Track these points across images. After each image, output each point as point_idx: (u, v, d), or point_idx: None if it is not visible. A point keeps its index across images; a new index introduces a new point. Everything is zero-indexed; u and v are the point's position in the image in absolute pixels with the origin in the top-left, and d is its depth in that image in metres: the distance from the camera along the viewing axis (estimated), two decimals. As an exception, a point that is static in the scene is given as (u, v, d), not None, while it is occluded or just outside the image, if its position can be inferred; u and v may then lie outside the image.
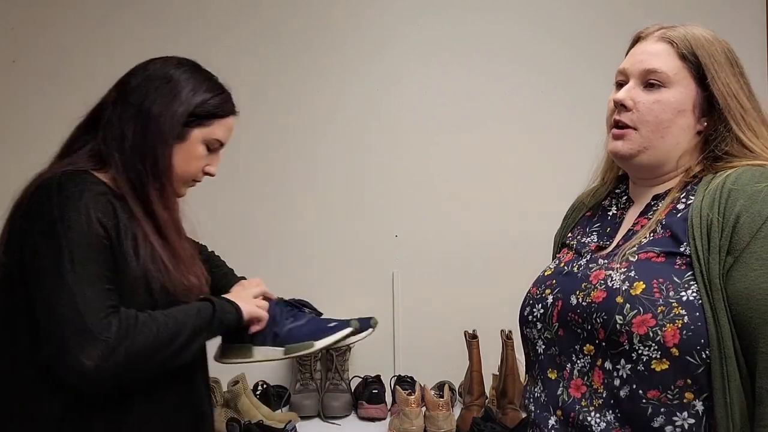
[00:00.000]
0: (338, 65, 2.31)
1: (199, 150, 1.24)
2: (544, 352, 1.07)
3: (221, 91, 1.27)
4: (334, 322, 1.33)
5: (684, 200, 1.01)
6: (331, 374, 2.11)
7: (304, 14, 2.32)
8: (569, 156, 2.14)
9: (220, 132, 1.26)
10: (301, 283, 2.27)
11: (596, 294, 0.98)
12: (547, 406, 1.05)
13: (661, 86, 1.02)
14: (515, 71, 2.29)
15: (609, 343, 0.95)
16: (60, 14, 2.29)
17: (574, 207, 1.26)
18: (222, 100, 1.26)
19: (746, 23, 2.26)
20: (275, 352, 1.28)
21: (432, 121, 2.29)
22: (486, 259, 2.25)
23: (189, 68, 1.26)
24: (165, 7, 2.32)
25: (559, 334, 1.04)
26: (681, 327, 0.90)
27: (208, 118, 1.24)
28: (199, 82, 1.25)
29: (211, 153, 1.28)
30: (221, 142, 1.28)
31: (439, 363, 2.18)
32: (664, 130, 1.01)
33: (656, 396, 0.92)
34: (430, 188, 2.29)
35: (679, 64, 1.02)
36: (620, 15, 2.25)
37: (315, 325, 1.32)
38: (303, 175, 2.30)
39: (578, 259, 1.10)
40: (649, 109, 1.01)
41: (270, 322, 1.29)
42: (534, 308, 1.10)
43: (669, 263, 0.95)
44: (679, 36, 1.04)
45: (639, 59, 1.05)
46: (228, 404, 1.89)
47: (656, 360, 0.91)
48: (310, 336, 1.29)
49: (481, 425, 1.73)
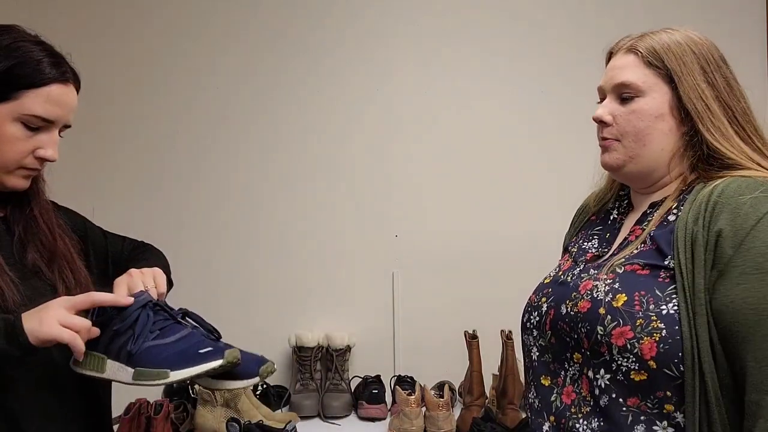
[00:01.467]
0: (338, 65, 2.31)
1: (11, 130, 1.02)
2: (538, 358, 1.09)
3: (30, 55, 1.03)
4: (210, 347, 1.00)
5: (675, 211, 1.01)
6: (331, 374, 2.11)
7: (303, 15, 2.32)
8: (570, 156, 2.15)
9: (34, 105, 1.02)
10: (302, 284, 2.28)
11: (582, 304, 0.99)
12: (541, 411, 1.06)
13: (634, 96, 1.03)
14: (515, 71, 2.29)
15: (592, 352, 0.97)
16: (60, 14, 2.29)
17: (581, 210, 1.27)
18: (32, 66, 1.02)
19: (746, 23, 2.26)
20: (125, 372, 0.99)
21: (432, 121, 2.29)
22: (486, 259, 2.25)
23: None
24: (166, 8, 2.32)
25: (551, 342, 1.06)
26: (658, 340, 0.90)
27: (9, 91, 1.01)
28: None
29: (38, 133, 1.05)
30: (43, 118, 1.04)
31: (439, 363, 2.18)
32: (645, 137, 1.03)
33: (636, 403, 0.93)
34: (430, 188, 2.29)
35: (647, 72, 1.03)
36: (621, 15, 2.25)
37: (184, 345, 1.00)
38: (303, 175, 2.30)
39: (574, 267, 1.11)
40: (626, 120, 1.04)
41: (129, 332, 1.00)
42: (531, 315, 1.11)
43: (653, 276, 0.95)
44: (644, 45, 1.04)
45: (610, 75, 1.07)
46: (228, 404, 1.89)
47: (635, 371, 0.92)
48: (169, 361, 0.98)
49: (481, 425, 1.73)
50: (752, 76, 2.21)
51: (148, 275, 1.11)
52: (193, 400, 1.96)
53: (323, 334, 2.17)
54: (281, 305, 2.26)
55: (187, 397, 1.98)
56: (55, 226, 1.15)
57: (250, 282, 2.26)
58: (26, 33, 1.08)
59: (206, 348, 1.00)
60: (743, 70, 1.08)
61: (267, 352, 2.20)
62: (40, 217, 1.13)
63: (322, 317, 2.25)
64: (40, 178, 1.16)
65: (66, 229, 1.19)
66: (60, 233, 1.16)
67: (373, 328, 2.26)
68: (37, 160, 1.07)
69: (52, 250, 1.12)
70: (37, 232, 1.12)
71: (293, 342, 2.15)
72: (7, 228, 1.11)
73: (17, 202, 1.13)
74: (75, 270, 1.14)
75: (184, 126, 2.31)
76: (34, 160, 1.06)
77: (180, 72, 2.30)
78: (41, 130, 1.05)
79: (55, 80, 1.05)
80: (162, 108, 2.29)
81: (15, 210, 1.13)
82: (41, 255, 1.10)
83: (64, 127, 1.11)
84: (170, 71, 2.30)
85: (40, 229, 1.13)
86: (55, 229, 1.15)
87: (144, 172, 2.28)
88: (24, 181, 1.08)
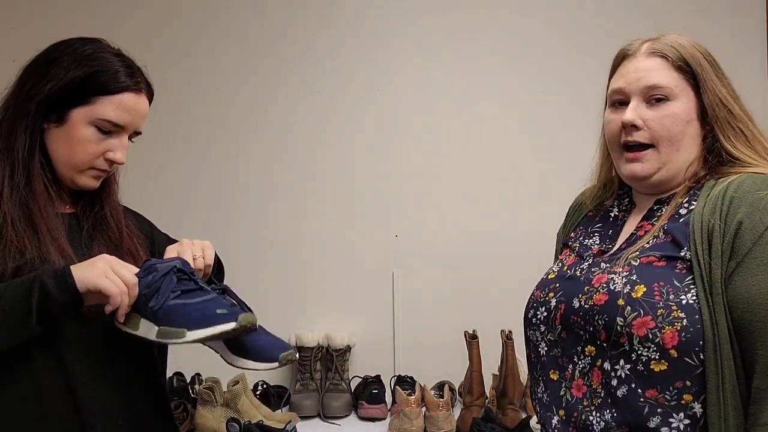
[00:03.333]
0: (338, 65, 2.31)
1: (85, 133, 1.11)
2: (546, 353, 1.09)
3: (108, 65, 1.12)
4: (227, 310, 1.02)
5: (686, 206, 1.02)
6: (331, 374, 2.11)
7: (303, 15, 2.32)
8: (570, 156, 2.14)
9: (107, 111, 1.11)
10: (302, 284, 2.28)
11: (598, 297, 1.00)
12: (550, 406, 1.07)
13: (666, 100, 1.03)
14: (515, 72, 2.29)
15: (610, 344, 0.97)
16: (60, 14, 2.29)
17: (576, 206, 1.27)
18: (108, 74, 1.11)
19: (746, 23, 2.26)
20: (152, 330, 1.02)
21: (432, 121, 2.29)
22: (486, 259, 2.24)
23: (80, 46, 1.13)
24: (167, 8, 2.32)
25: (562, 336, 1.06)
26: (680, 329, 0.92)
27: (86, 96, 1.10)
28: (79, 57, 1.11)
29: (109, 137, 1.13)
30: (115, 123, 1.12)
31: (439, 363, 2.18)
32: (678, 142, 1.03)
33: (654, 396, 0.93)
34: (430, 188, 2.29)
35: (677, 75, 1.03)
36: (621, 15, 2.25)
37: (203, 307, 1.02)
38: (303, 175, 2.30)
39: (581, 262, 1.11)
40: (660, 124, 1.02)
41: (156, 293, 1.03)
42: (538, 311, 1.11)
43: (670, 267, 0.97)
44: (668, 48, 1.04)
45: (636, 77, 1.05)
46: (228, 404, 1.89)
47: (655, 361, 0.93)
48: (188, 321, 1.01)
49: (481, 426, 1.73)
50: (752, 76, 2.21)
51: (198, 246, 1.17)
52: (193, 400, 1.96)
53: (323, 334, 2.17)
54: (281, 305, 2.26)
55: (187, 397, 1.98)
56: (123, 225, 1.21)
57: (250, 282, 2.25)
58: (109, 46, 1.16)
59: (223, 310, 1.02)
60: (743, 70, 1.08)
61: (267, 352, 2.19)
62: (109, 215, 1.20)
63: (322, 317, 2.25)
64: (112, 180, 1.24)
65: (134, 229, 1.25)
66: (128, 231, 1.22)
67: (373, 328, 2.26)
68: (106, 162, 1.14)
69: (119, 245, 1.18)
70: (105, 228, 1.19)
71: (293, 342, 2.15)
72: (78, 223, 1.18)
73: (89, 201, 1.20)
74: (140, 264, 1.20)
75: (183, 126, 2.31)
76: (103, 161, 1.14)
77: (180, 72, 2.30)
78: (112, 134, 1.13)
79: (128, 89, 1.13)
80: (161, 108, 2.28)
81: (86, 207, 1.19)
82: (108, 248, 1.15)
83: (135, 134, 1.19)
84: (170, 71, 2.29)
85: (108, 225, 1.19)
86: (123, 228, 1.21)
87: (143, 172, 2.27)
88: (94, 181, 1.16)
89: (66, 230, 1.13)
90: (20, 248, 1.05)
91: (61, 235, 1.11)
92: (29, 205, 1.09)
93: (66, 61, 1.10)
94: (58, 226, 1.11)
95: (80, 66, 1.10)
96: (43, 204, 1.10)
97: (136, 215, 1.32)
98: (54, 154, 1.12)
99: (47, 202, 1.11)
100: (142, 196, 2.33)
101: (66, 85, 1.09)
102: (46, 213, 1.09)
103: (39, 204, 1.09)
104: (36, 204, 1.09)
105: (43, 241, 1.07)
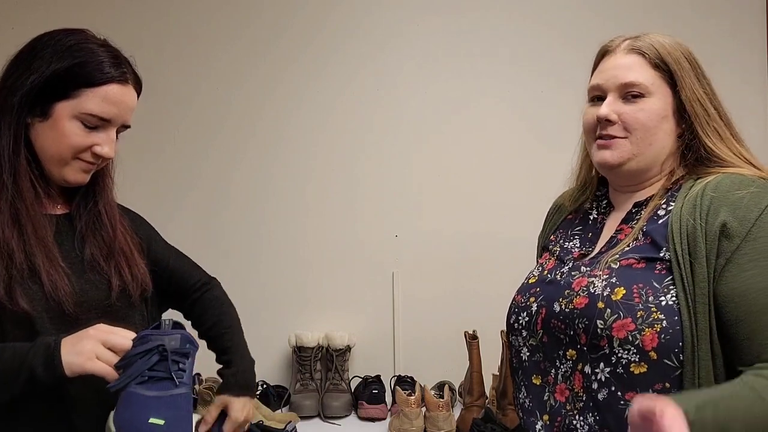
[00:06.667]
0: (338, 66, 2.31)
1: (70, 128, 1.06)
2: (528, 358, 1.09)
3: (92, 56, 1.07)
4: (162, 421, 0.96)
5: (665, 206, 1.03)
6: (331, 374, 2.11)
7: (303, 15, 2.32)
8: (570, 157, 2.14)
9: (92, 104, 1.06)
10: (302, 284, 2.28)
11: (578, 300, 1.01)
12: (533, 411, 1.07)
13: (642, 96, 1.04)
14: (514, 72, 2.29)
15: (590, 347, 0.98)
16: (60, 14, 2.29)
17: (555, 208, 1.28)
18: (93, 65, 1.06)
19: (746, 23, 2.26)
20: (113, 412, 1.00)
21: (432, 121, 2.29)
22: (486, 259, 2.24)
23: (63, 37, 1.09)
24: (166, 8, 2.32)
25: (543, 341, 1.06)
26: (659, 331, 0.93)
27: (70, 89, 1.06)
28: (62, 48, 1.06)
29: (95, 131, 1.09)
30: (100, 117, 1.07)
31: (439, 363, 2.18)
32: (651, 136, 1.04)
33: (633, 398, 0.93)
34: (430, 188, 2.29)
35: (654, 73, 1.04)
36: (620, 15, 2.25)
37: (145, 409, 0.97)
38: (303, 175, 2.30)
39: (561, 266, 1.11)
40: (634, 118, 1.04)
41: (124, 367, 0.99)
42: (519, 316, 1.11)
43: (649, 269, 0.98)
44: (647, 46, 1.05)
45: (613, 74, 1.06)
46: (228, 404, 1.89)
47: (635, 363, 0.94)
48: (123, 420, 0.97)
49: (481, 426, 1.73)
50: (752, 76, 2.21)
51: (242, 413, 1.30)
52: (193, 400, 1.95)
53: (323, 334, 2.17)
54: (281, 305, 2.26)
55: (187, 397, 1.98)
56: (118, 223, 1.19)
57: (250, 282, 2.26)
58: (94, 36, 1.12)
59: (159, 420, 0.96)
60: (743, 70, 1.08)
61: (267, 352, 2.22)
62: (104, 212, 1.17)
63: (322, 317, 2.25)
64: (107, 175, 1.20)
65: (128, 228, 1.22)
66: (122, 230, 1.19)
67: (373, 328, 2.26)
68: (93, 156, 1.10)
69: (111, 245, 1.15)
70: (98, 227, 1.16)
71: (293, 342, 2.15)
72: (71, 223, 1.15)
73: (83, 198, 1.17)
74: (133, 266, 1.17)
75: (183, 126, 2.31)
76: (90, 155, 1.10)
77: (180, 72, 2.30)
78: (99, 128, 1.09)
79: (114, 80, 1.08)
80: (161, 108, 2.29)
81: (80, 205, 1.17)
82: (100, 249, 1.14)
83: (123, 127, 1.14)
84: (170, 71, 2.29)
85: (102, 224, 1.16)
86: (117, 226, 1.18)
87: (143, 172, 2.28)
88: (83, 174, 1.11)
89: (56, 231, 1.11)
90: (8, 252, 1.03)
91: (48, 235, 1.08)
92: (16, 205, 1.06)
93: (48, 53, 1.06)
94: (45, 227, 1.08)
95: (63, 58, 1.06)
96: (30, 203, 1.07)
97: (135, 216, 1.30)
98: (40, 149, 1.08)
99: (34, 200, 1.07)
100: (141, 197, 2.33)
101: (48, 78, 1.05)
102: (33, 212, 1.07)
103: (26, 203, 1.06)
104: (23, 203, 1.06)
105: (28, 243, 1.05)
